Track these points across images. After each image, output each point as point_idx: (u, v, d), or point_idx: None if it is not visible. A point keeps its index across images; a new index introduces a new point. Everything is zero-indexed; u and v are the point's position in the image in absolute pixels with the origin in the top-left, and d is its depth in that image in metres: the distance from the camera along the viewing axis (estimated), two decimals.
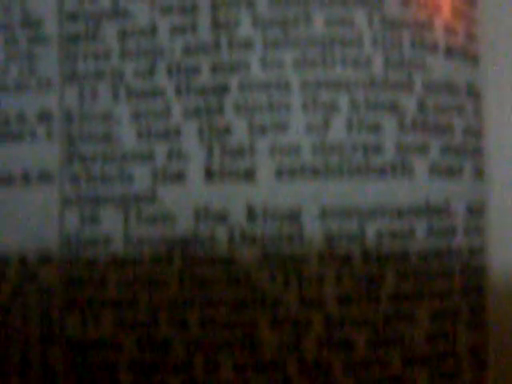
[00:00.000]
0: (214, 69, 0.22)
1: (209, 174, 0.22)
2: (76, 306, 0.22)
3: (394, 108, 0.22)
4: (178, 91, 0.22)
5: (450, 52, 0.23)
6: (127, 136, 0.22)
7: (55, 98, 0.23)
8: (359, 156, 0.22)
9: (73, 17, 0.23)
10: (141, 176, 0.22)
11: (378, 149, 0.22)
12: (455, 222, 0.23)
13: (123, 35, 0.22)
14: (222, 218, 0.22)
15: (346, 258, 0.22)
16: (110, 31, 0.22)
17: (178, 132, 0.22)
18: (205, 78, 0.22)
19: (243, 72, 0.22)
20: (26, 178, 0.23)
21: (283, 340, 0.22)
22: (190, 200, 0.22)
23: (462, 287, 0.23)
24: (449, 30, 0.23)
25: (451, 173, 0.23)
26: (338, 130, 0.22)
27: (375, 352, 0.22)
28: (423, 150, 0.22)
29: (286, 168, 0.22)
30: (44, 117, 0.23)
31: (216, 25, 0.22)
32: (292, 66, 0.22)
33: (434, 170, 0.22)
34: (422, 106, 0.22)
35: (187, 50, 0.22)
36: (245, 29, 0.22)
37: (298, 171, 0.22)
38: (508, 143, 0.24)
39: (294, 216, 0.22)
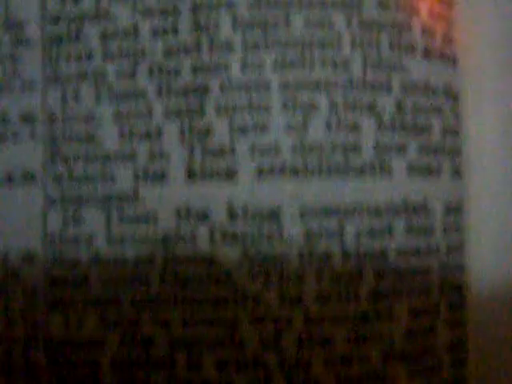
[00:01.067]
0: (195, 70, 0.22)
1: (190, 174, 0.22)
2: (59, 306, 0.22)
3: (372, 108, 0.22)
4: (160, 92, 0.22)
5: (427, 53, 0.23)
6: (109, 136, 0.22)
7: (38, 100, 0.23)
8: (338, 156, 0.22)
9: (55, 19, 0.23)
10: (123, 176, 0.22)
11: (356, 148, 0.22)
12: (433, 221, 0.23)
13: (105, 37, 0.22)
14: (203, 217, 0.22)
15: (326, 257, 0.22)
16: (92, 33, 0.22)
17: (159, 132, 0.22)
18: (186, 79, 0.22)
19: (224, 73, 0.22)
20: (9, 178, 0.23)
21: (264, 337, 0.22)
22: (172, 199, 0.22)
23: (440, 285, 0.23)
24: (426, 32, 0.23)
25: (429, 172, 0.23)
26: (317, 130, 0.22)
27: (355, 349, 0.22)
28: (401, 149, 0.23)
29: (266, 168, 0.22)
30: (27, 118, 0.23)
31: (197, 27, 0.22)
32: (272, 67, 0.22)
33: (412, 170, 0.23)
34: (400, 107, 0.23)
35: (168, 52, 0.22)
36: (225, 31, 0.22)
37: (277, 171, 0.22)
38: (485, 143, 0.24)
39: (274, 215, 0.22)
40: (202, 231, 0.22)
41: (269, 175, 0.22)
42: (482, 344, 0.24)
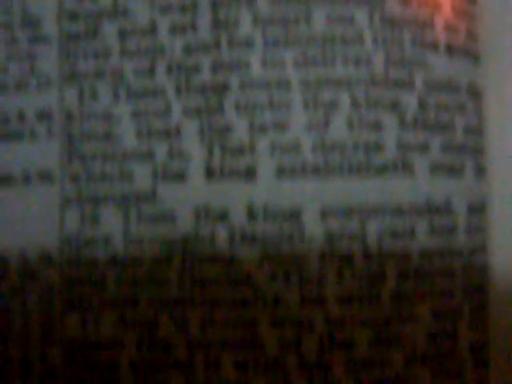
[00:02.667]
0: (215, 68, 0.22)
1: (209, 173, 0.22)
2: (76, 306, 0.22)
3: (394, 106, 0.22)
4: (178, 90, 0.22)
5: (450, 50, 0.23)
6: (127, 135, 0.22)
7: (55, 97, 0.22)
8: (360, 154, 0.22)
9: (73, 16, 0.23)
10: (141, 175, 0.22)
11: (378, 147, 0.22)
12: (456, 221, 0.23)
13: (123, 34, 0.22)
14: (223, 217, 0.22)
15: (347, 257, 0.22)
16: (109, 30, 0.22)
17: (178, 131, 0.22)
18: (205, 76, 0.22)
19: (243, 71, 0.22)
20: (26, 177, 0.22)
21: (284, 339, 0.21)
22: (191, 199, 0.22)
23: (463, 286, 0.23)
24: (449, 29, 0.23)
25: (452, 171, 0.23)
26: (338, 129, 0.22)
27: (377, 352, 0.22)
28: (424, 148, 0.22)
29: (286, 167, 0.22)
30: (44, 116, 0.22)
31: (216, 23, 0.22)
32: (292, 65, 0.22)
33: (434, 169, 0.22)
34: (422, 104, 0.22)
35: (187, 49, 0.22)
36: (245, 27, 0.22)
37: (298, 170, 0.22)
38: (509, 141, 0.24)
39: (295, 215, 0.22)
40: (221, 231, 0.22)
41: (289, 174, 0.22)
42: (504, 346, 0.23)
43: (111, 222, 0.22)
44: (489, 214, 0.23)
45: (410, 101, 0.22)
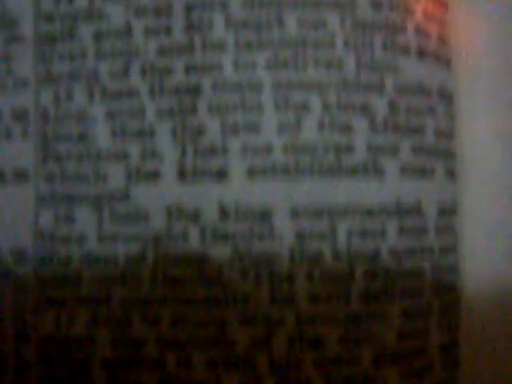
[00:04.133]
0: (188, 70, 0.22)
1: (182, 174, 0.22)
2: (50, 304, 0.22)
3: (365, 109, 0.22)
4: (152, 92, 0.22)
5: (421, 54, 0.23)
6: (102, 135, 0.22)
7: (31, 98, 0.23)
8: (331, 156, 0.22)
9: (49, 17, 0.23)
10: (115, 175, 0.22)
11: (349, 149, 0.22)
12: (426, 222, 0.23)
13: (98, 36, 0.22)
14: (195, 216, 0.22)
15: (317, 257, 0.22)
16: (85, 32, 0.22)
17: (151, 132, 0.22)
18: (178, 78, 0.22)
19: (216, 73, 0.22)
20: (1, 176, 0.23)
21: (254, 337, 0.22)
22: (163, 199, 0.22)
23: (433, 286, 0.23)
24: (421, 33, 0.23)
25: (422, 173, 0.23)
26: (309, 131, 0.22)
27: (346, 350, 0.22)
28: (394, 150, 0.22)
29: (257, 168, 0.22)
30: (19, 116, 0.23)
31: (190, 26, 0.22)
32: (264, 67, 0.22)
33: (404, 171, 0.23)
34: (393, 108, 0.22)
35: (161, 51, 0.22)
36: (218, 30, 0.22)
37: (269, 171, 0.22)
38: (479, 144, 0.24)
39: (266, 215, 0.22)
40: (193, 230, 0.22)
41: (260, 175, 0.22)
42: (474, 345, 0.24)
43: (85, 220, 0.22)
44: (459, 215, 0.24)
45: (381, 104, 0.22)
